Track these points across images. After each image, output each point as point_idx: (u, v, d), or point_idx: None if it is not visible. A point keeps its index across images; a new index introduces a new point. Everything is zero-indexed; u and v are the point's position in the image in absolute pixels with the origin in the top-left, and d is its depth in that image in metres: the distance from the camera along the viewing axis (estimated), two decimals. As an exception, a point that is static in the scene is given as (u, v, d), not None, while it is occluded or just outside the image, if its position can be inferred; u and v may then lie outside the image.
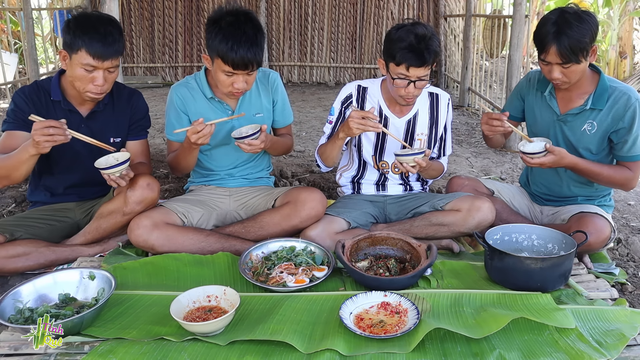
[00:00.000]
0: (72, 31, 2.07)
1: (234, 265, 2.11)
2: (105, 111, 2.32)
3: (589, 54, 2.08)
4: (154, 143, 4.47)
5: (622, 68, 7.55)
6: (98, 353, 1.58)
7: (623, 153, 2.21)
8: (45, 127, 1.93)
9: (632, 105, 2.14)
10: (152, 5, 7.72)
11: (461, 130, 5.13)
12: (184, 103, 2.34)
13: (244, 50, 2.07)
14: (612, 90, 2.18)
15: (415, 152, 2.22)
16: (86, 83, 2.13)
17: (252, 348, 1.62)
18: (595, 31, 2.06)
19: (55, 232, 2.33)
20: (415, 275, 1.96)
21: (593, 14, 2.09)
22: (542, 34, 2.08)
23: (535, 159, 2.13)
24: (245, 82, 2.18)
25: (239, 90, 2.20)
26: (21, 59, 7.66)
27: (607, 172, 2.22)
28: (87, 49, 2.06)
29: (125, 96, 2.39)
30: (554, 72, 2.11)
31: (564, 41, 2.01)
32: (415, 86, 2.20)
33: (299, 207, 2.28)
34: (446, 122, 2.50)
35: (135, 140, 2.44)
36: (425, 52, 2.12)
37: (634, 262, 2.47)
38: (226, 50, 2.06)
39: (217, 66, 2.14)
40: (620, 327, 1.72)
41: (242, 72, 2.13)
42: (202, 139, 2.11)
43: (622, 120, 2.16)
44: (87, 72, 2.10)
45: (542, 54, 2.10)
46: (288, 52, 7.93)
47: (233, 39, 2.06)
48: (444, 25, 7.39)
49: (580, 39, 2.01)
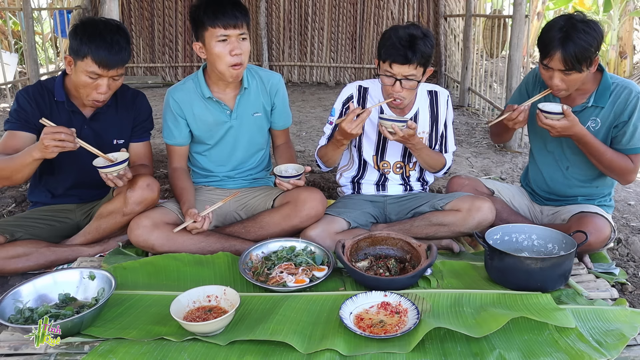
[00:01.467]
0: (79, 37, 2.06)
1: (234, 265, 2.11)
2: (109, 112, 2.32)
3: (591, 64, 2.07)
4: (154, 143, 4.47)
5: (622, 68, 7.56)
6: (98, 353, 1.58)
7: (622, 145, 2.21)
8: (57, 132, 1.94)
9: (633, 98, 2.15)
10: (152, 5, 7.72)
11: (461, 130, 5.13)
12: (181, 107, 2.33)
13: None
14: (613, 87, 2.19)
15: (397, 119, 2.21)
16: (90, 90, 2.13)
17: (252, 348, 1.62)
18: (600, 41, 2.05)
19: (55, 232, 2.33)
20: (415, 275, 1.96)
21: (599, 23, 2.08)
22: (547, 38, 2.06)
23: (549, 120, 2.11)
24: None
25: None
26: (21, 59, 7.66)
27: (610, 154, 2.19)
28: (93, 57, 2.05)
29: (129, 97, 2.39)
30: (555, 79, 2.10)
31: (570, 48, 2.00)
32: (402, 85, 2.20)
33: (299, 207, 2.27)
34: (446, 119, 2.49)
35: (138, 142, 2.43)
36: (409, 50, 2.13)
37: (634, 262, 2.47)
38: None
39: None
40: (620, 327, 1.72)
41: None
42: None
43: (622, 114, 2.16)
44: (92, 79, 2.10)
45: (545, 59, 2.08)
46: (288, 52, 7.92)
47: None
48: (444, 25, 7.38)
49: (587, 47, 2.00)
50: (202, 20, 2.13)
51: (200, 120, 2.35)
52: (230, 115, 2.36)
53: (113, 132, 2.35)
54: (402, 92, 2.23)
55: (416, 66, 2.17)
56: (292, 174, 2.27)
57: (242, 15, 2.16)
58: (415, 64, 2.16)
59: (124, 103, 2.37)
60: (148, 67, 7.90)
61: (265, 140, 2.54)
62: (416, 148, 2.32)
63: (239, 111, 2.37)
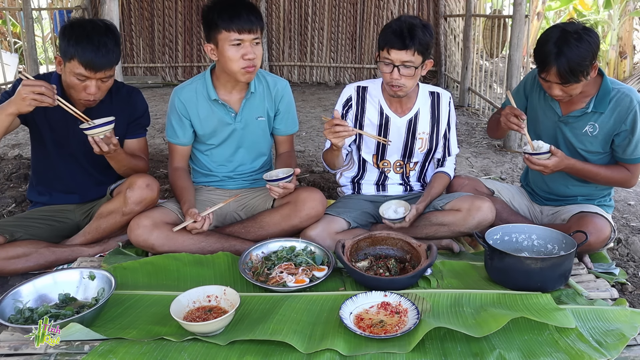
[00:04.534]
0: (67, 39, 2.05)
1: (234, 265, 2.11)
2: (103, 109, 2.29)
3: (589, 73, 2.07)
4: (154, 143, 4.47)
5: (622, 68, 7.56)
6: (98, 353, 1.58)
7: (626, 156, 2.22)
8: (37, 85, 1.90)
9: (633, 108, 2.14)
10: (152, 5, 7.72)
11: (461, 130, 5.13)
12: (186, 107, 2.33)
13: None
14: (614, 93, 2.18)
15: (282, 177, 2.20)
16: (79, 91, 2.12)
17: (252, 348, 1.62)
18: (596, 50, 2.05)
19: (55, 232, 2.33)
20: (415, 275, 1.96)
21: (594, 31, 2.07)
22: (543, 53, 2.06)
23: (541, 161, 2.13)
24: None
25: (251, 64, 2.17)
26: (21, 59, 7.66)
27: (604, 173, 2.24)
28: (80, 59, 2.04)
29: (124, 94, 2.38)
30: (554, 90, 2.11)
31: (564, 64, 2.00)
32: (400, 72, 2.19)
33: (298, 207, 2.27)
34: (449, 121, 2.48)
35: (135, 138, 2.42)
36: (407, 36, 2.14)
37: (634, 262, 2.47)
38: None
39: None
40: (620, 327, 1.72)
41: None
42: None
43: (624, 123, 2.16)
44: (80, 81, 2.09)
45: (542, 72, 2.10)
46: (288, 52, 7.92)
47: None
48: (444, 25, 7.38)
49: (580, 62, 2.00)
50: (216, 22, 2.11)
51: (205, 122, 2.34)
52: (235, 118, 2.36)
53: None
54: (401, 80, 2.22)
55: (414, 52, 2.16)
56: (279, 177, 2.21)
57: (257, 20, 2.14)
58: (413, 50, 2.15)
59: (119, 99, 2.35)
60: (148, 67, 7.90)
61: (268, 144, 2.53)
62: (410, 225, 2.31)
63: (243, 114, 2.36)
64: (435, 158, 2.55)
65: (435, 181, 2.48)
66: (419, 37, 2.15)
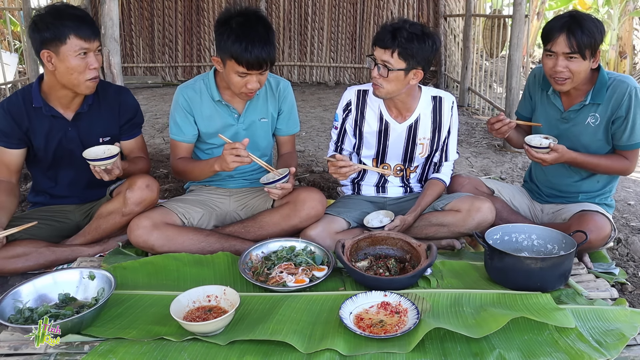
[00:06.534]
0: (52, 24, 2.03)
1: (234, 265, 2.11)
2: (91, 111, 2.29)
3: (594, 54, 2.12)
4: (154, 143, 4.47)
5: (622, 68, 7.56)
6: (98, 353, 1.58)
7: (622, 142, 2.24)
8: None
9: (628, 92, 2.17)
10: (152, 5, 7.72)
11: (461, 130, 5.13)
12: (190, 105, 2.32)
13: (258, 50, 2.05)
14: (610, 82, 2.22)
15: (279, 178, 2.19)
16: (83, 70, 2.09)
17: (252, 348, 1.62)
18: (602, 37, 2.12)
19: (55, 232, 2.32)
20: (415, 275, 1.96)
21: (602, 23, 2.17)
22: (552, 26, 2.14)
23: (540, 154, 2.19)
24: (258, 81, 2.17)
25: (252, 91, 2.19)
26: (21, 59, 7.66)
27: (604, 163, 2.28)
28: (76, 33, 2.04)
29: (112, 94, 2.35)
30: (558, 65, 2.13)
31: (576, 30, 2.07)
32: (380, 73, 2.17)
33: (298, 207, 2.27)
34: (450, 126, 2.44)
35: (131, 139, 2.42)
36: (389, 35, 2.12)
37: (634, 262, 2.48)
38: (240, 51, 2.04)
39: (230, 68, 2.12)
40: (620, 327, 1.72)
41: (255, 72, 2.12)
42: (235, 163, 2.08)
43: (619, 108, 2.19)
44: (82, 59, 2.07)
45: (548, 43, 2.14)
46: (288, 52, 7.92)
47: (246, 39, 2.04)
48: (444, 25, 7.38)
49: (592, 32, 2.08)
50: (229, 49, 2.08)
51: (208, 121, 2.34)
52: (238, 119, 2.36)
53: (98, 130, 2.31)
54: (379, 79, 2.20)
55: (393, 54, 2.13)
56: (275, 178, 2.19)
57: (270, 58, 2.12)
58: (392, 50, 2.12)
59: (106, 100, 2.33)
60: (148, 67, 7.90)
61: (270, 145, 2.53)
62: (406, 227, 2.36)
63: (246, 116, 2.36)
64: (433, 162, 2.54)
65: (428, 189, 2.44)
66: (402, 40, 2.11)
